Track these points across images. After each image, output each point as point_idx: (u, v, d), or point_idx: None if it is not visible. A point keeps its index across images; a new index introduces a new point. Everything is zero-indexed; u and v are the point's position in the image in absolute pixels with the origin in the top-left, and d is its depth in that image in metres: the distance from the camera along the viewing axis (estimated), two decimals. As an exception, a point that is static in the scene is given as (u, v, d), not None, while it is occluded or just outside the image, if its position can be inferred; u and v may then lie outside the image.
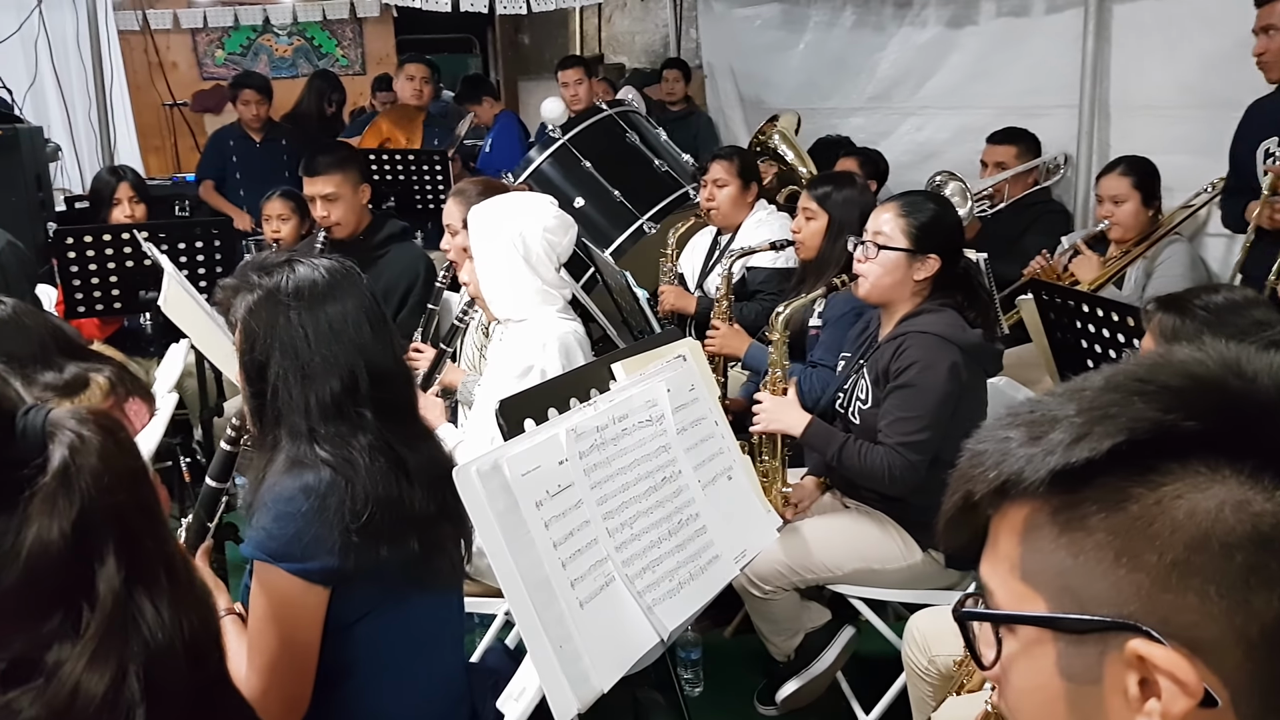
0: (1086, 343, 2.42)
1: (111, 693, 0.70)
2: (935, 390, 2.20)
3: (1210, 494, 0.59)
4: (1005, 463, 0.64)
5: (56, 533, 0.69)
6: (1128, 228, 3.27)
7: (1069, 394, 0.65)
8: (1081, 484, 0.61)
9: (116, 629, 0.71)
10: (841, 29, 4.85)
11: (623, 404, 1.58)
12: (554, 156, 3.90)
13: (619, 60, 7.38)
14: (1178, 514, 0.59)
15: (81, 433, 0.72)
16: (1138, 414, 0.61)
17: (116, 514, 0.72)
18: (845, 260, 2.50)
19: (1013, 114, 4.03)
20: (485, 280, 2.33)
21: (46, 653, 0.70)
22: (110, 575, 0.71)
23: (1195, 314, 1.60)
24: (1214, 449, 0.60)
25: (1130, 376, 0.63)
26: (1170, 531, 0.59)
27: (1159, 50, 3.58)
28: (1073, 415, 0.63)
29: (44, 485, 0.70)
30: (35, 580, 0.69)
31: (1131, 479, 0.61)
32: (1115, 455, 0.60)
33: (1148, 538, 0.59)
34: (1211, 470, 0.60)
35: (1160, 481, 0.60)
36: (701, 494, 1.66)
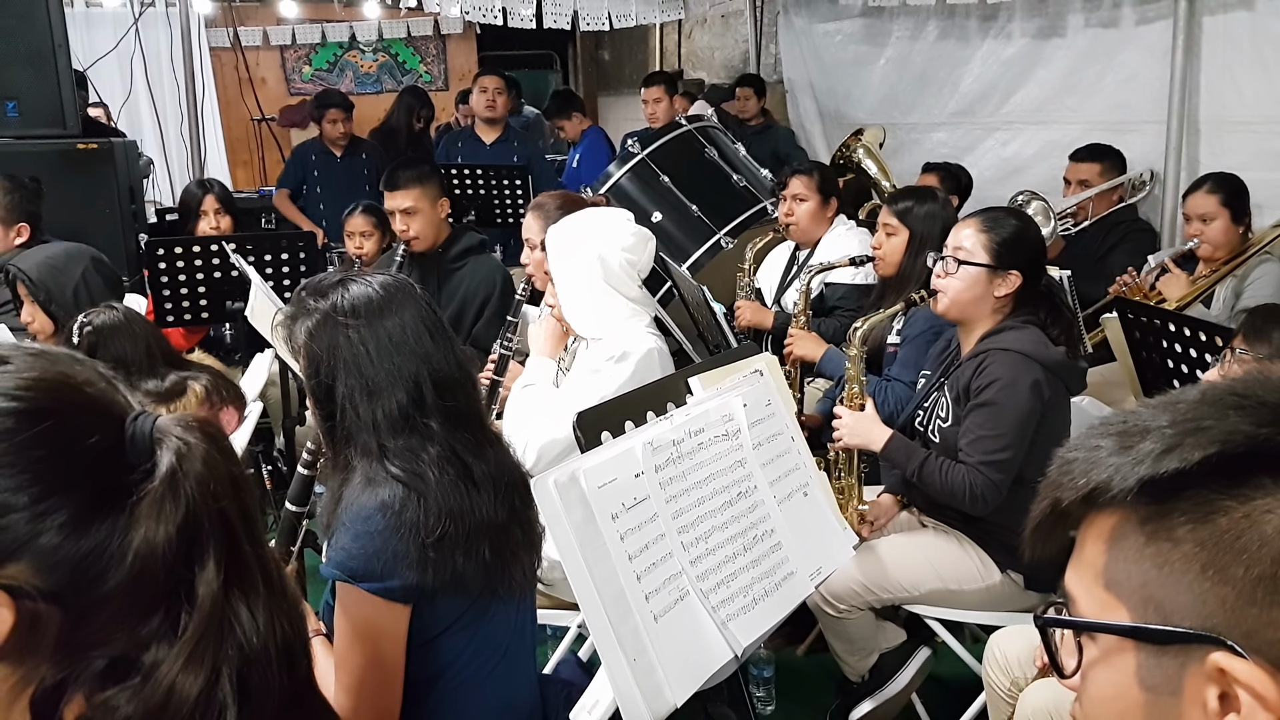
0: (1173, 362, 2.35)
1: (205, 694, 0.72)
2: (1017, 409, 2.16)
3: None
4: (1094, 471, 0.64)
5: (162, 536, 0.72)
6: (1216, 246, 3.16)
7: (1163, 406, 0.65)
8: (1170, 494, 0.62)
9: (213, 631, 0.74)
10: (925, 42, 4.81)
11: (699, 418, 1.59)
12: (633, 171, 3.93)
13: (698, 76, 7.42)
14: (1267, 529, 0.59)
15: (187, 439, 0.76)
16: (1232, 427, 0.61)
17: (219, 519, 0.76)
18: (925, 276, 2.47)
19: (1100, 129, 3.93)
20: (566, 300, 2.36)
21: (145, 652, 0.72)
22: (210, 579, 0.74)
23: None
24: None
25: (1227, 391, 0.63)
26: (1259, 546, 0.59)
27: (1251, 64, 3.46)
28: (1165, 426, 0.63)
29: (152, 489, 0.73)
30: (141, 581, 0.72)
31: (1221, 492, 0.61)
32: (1206, 466, 0.60)
33: (1235, 551, 0.59)
34: None
35: (1250, 496, 0.60)
36: (777, 510, 1.67)
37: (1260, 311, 1.65)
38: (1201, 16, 3.62)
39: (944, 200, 2.94)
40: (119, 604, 0.72)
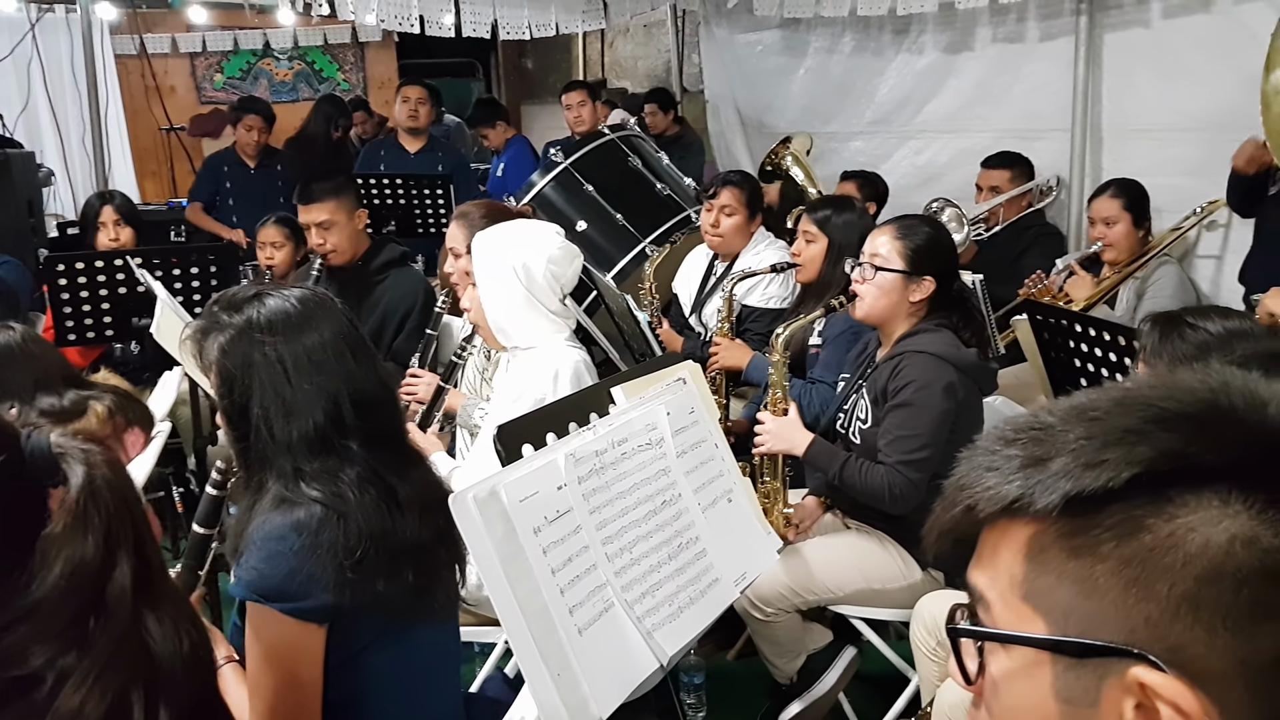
0: (1079, 361, 2.44)
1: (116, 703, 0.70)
2: (933, 409, 2.23)
3: (1222, 528, 0.59)
4: (1012, 481, 0.64)
5: (92, 546, 0.70)
6: (1120, 249, 3.31)
7: (1075, 414, 0.64)
8: (1095, 511, 0.61)
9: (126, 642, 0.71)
10: (841, 54, 4.90)
11: (622, 428, 1.59)
12: (556, 180, 3.92)
13: (622, 85, 7.45)
14: (1191, 547, 0.59)
15: (90, 452, 0.74)
16: (1157, 444, 0.61)
17: (131, 527, 0.74)
18: (844, 282, 2.52)
19: (1009, 137, 4.06)
20: (489, 309, 2.34)
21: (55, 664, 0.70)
22: (123, 588, 0.72)
23: (1187, 336, 1.61)
24: (1228, 481, 0.60)
25: (1144, 401, 0.63)
26: (1182, 564, 0.59)
27: (1148, 75, 3.62)
28: (1083, 438, 0.62)
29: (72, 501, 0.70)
30: (70, 592, 0.69)
31: (1146, 509, 0.60)
32: (1135, 484, 0.60)
33: (1160, 569, 0.59)
34: (1224, 504, 0.60)
35: (1174, 513, 0.60)
36: (702, 517, 1.67)
37: (1158, 320, 1.69)
38: (1102, 31, 3.78)
39: (861, 209, 3.00)
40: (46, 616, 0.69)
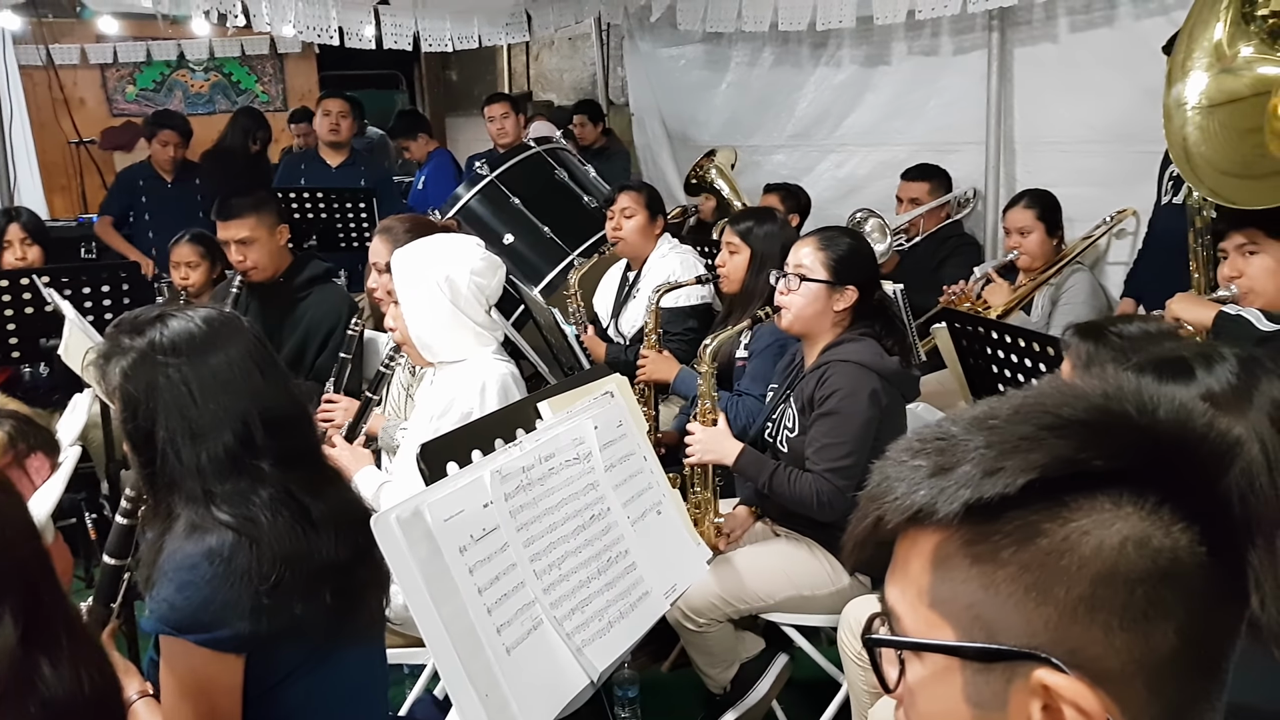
0: (996, 367, 2.50)
1: None
2: (858, 416, 2.26)
3: (1115, 530, 0.61)
4: (917, 491, 0.65)
5: None
6: (1034, 257, 3.42)
7: (976, 423, 0.66)
8: (994, 518, 0.63)
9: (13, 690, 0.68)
10: (762, 68, 4.97)
11: (549, 443, 1.58)
12: (482, 193, 3.90)
13: (548, 97, 7.44)
14: (1085, 550, 0.61)
15: None
16: (1051, 451, 0.62)
17: (20, 572, 0.70)
18: (768, 293, 2.55)
19: (927, 150, 4.17)
20: (413, 325, 2.31)
21: None
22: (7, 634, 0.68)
23: (1109, 341, 1.66)
24: (1119, 484, 0.62)
25: (1040, 409, 0.65)
26: (1078, 567, 0.61)
27: (1057, 89, 3.75)
28: (983, 447, 0.64)
29: None
30: None
31: (1042, 514, 0.62)
32: (1028, 491, 0.62)
33: (1057, 572, 0.61)
34: (1116, 506, 0.62)
35: (1069, 517, 0.62)
36: (631, 530, 1.67)
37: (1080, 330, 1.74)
38: (1012, 46, 3.90)
39: (783, 221, 3.04)
40: None
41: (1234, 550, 0.65)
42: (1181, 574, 0.62)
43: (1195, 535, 0.62)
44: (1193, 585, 0.62)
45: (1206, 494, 0.63)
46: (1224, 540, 0.64)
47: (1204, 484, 0.63)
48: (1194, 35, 2.37)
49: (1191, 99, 2.38)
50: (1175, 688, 0.63)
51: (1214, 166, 2.33)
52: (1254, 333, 2.08)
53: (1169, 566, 0.61)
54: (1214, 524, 0.63)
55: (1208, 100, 2.38)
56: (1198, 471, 0.63)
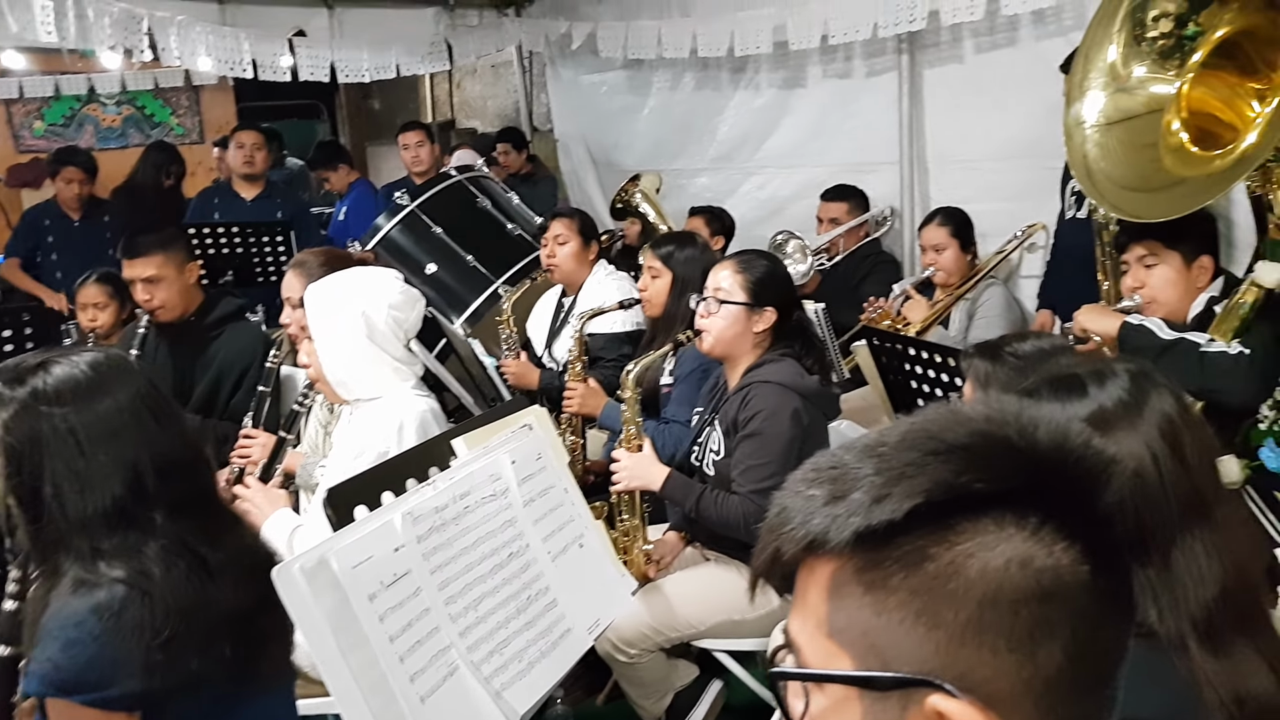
0: (915, 382, 2.54)
1: None
2: (781, 437, 2.28)
3: (999, 551, 0.62)
4: (811, 521, 0.65)
5: None
6: (950, 272, 3.50)
7: (867, 451, 0.67)
8: (883, 544, 0.64)
9: None
10: (684, 93, 5.02)
11: (464, 481, 1.55)
12: (403, 223, 3.85)
13: (471, 125, 7.40)
14: (971, 572, 0.62)
15: None
16: (933, 475, 0.63)
17: None
18: (691, 317, 2.56)
19: (845, 171, 4.24)
20: (327, 362, 2.26)
21: None
22: None
23: (1006, 360, 1.70)
24: (1002, 506, 0.63)
25: (925, 434, 0.66)
26: (965, 590, 0.62)
27: (966, 109, 3.85)
28: (871, 475, 0.65)
29: None
30: None
31: (928, 539, 0.63)
32: (914, 516, 0.63)
33: (945, 596, 0.62)
34: (999, 528, 0.63)
35: (954, 541, 0.63)
36: (551, 566, 1.64)
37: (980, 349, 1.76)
38: (922, 68, 4.00)
39: (703, 245, 3.06)
40: None
41: (1117, 567, 0.66)
42: (1065, 593, 0.63)
43: (1077, 553, 0.63)
44: (1077, 603, 0.63)
45: (1086, 512, 0.65)
46: (1106, 557, 0.65)
47: (1082, 503, 0.65)
48: (1090, 57, 2.46)
49: (1090, 117, 2.47)
50: (1064, 707, 0.64)
51: (1114, 181, 2.41)
52: (1156, 341, 2.15)
53: (1052, 586, 0.62)
54: (1095, 542, 0.65)
55: (1105, 118, 2.47)
56: (1076, 491, 0.65)
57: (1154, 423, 1.11)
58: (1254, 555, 1.13)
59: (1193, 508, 1.10)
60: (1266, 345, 2.06)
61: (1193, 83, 2.34)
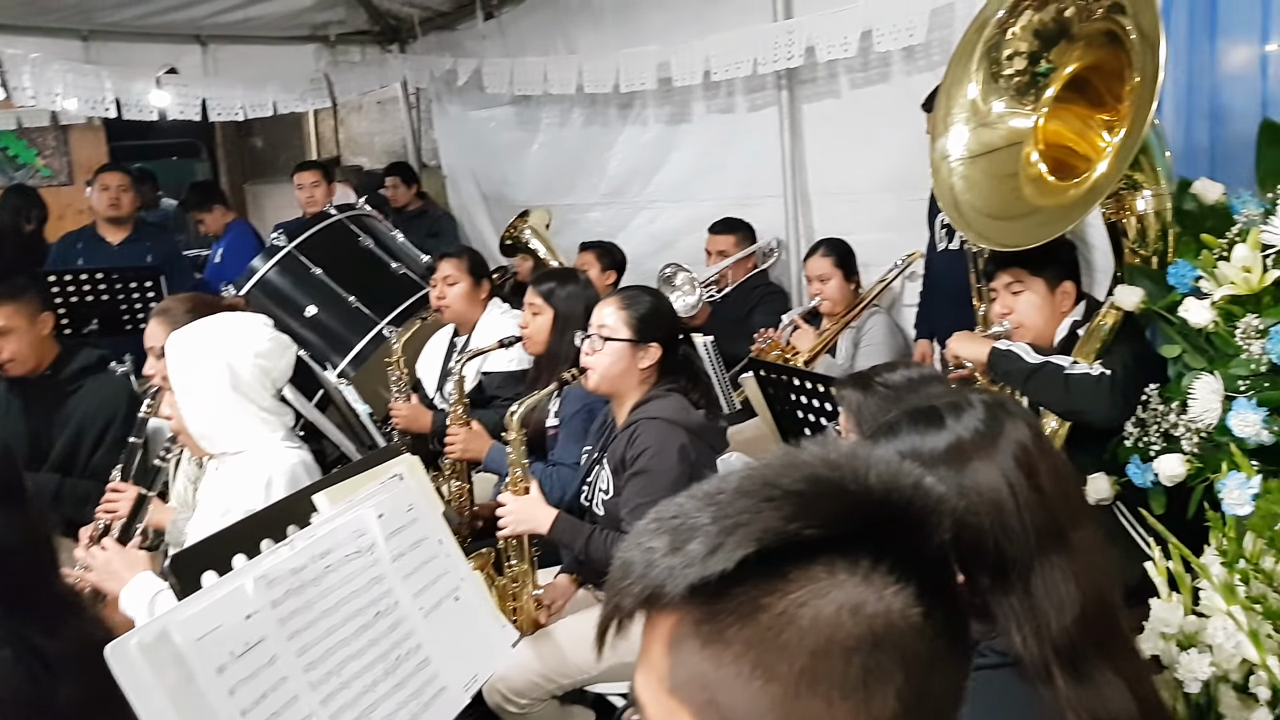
0: (801, 412, 2.57)
1: None
2: (669, 473, 2.26)
3: (830, 599, 0.61)
4: (649, 574, 0.64)
5: None
6: (835, 302, 3.57)
7: (706, 499, 0.65)
8: (718, 596, 0.62)
9: None
10: (573, 128, 5.03)
11: (325, 538, 1.47)
12: (281, 265, 3.72)
13: (358, 161, 7.26)
14: (803, 622, 0.61)
15: None
16: (765, 523, 0.62)
17: None
18: (574, 354, 2.53)
19: (733, 204, 4.30)
20: (188, 414, 2.14)
21: None
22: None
23: (876, 390, 1.71)
24: (833, 552, 0.62)
25: (760, 481, 0.65)
26: (797, 640, 0.61)
27: (844, 143, 3.96)
28: (708, 524, 0.63)
29: None
30: None
31: (761, 588, 0.62)
32: (746, 566, 0.61)
33: (778, 648, 0.61)
34: (830, 574, 0.62)
35: (787, 590, 0.62)
36: (424, 623, 1.57)
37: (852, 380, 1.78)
38: (801, 103, 4.10)
39: (585, 281, 3.03)
40: None
41: (950, 607, 0.66)
42: (896, 638, 0.62)
43: (909, 596, 0.63)
44: (909, 648, 0.62)
45: (917, 553, 0.64)
46: (939, 598, 0.65)
47: (913, 544, 0.64)
48: (952, 94, 2.54)
49: (955, 151, 2.55)
50: None
51: (979, 212, 2.50)
52: (1023, 366, 2.22)
53: (884, 631, 0.62)
54: (928, 582, 0.64)
55: (969, 152, 2.55)
56: (906, 532, 0.64)
57: (1009, 452, 1.13)
58: (1110, 577, 1.15)
59: (1049, 534, 1.11)
60: (1127, 365, 2.14)
61: (1048, 116, 2.45)
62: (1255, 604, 1.57)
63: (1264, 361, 1.82)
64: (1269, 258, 1.84)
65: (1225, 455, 1.80)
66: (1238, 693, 1.60)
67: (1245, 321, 1.84)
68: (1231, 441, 1.81)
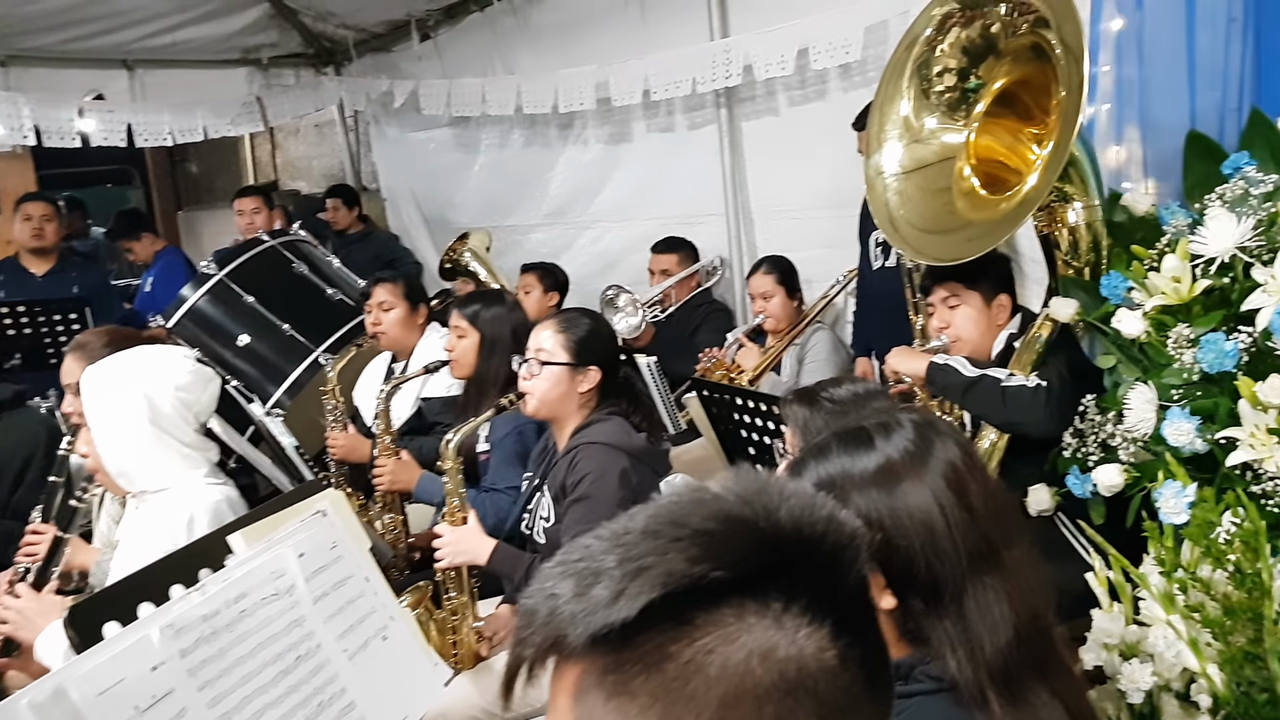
0: (746, 432, 2.54)
1: None
2: (610, 499, 2.22)
3: (739, 644, 0.58)
4: (552, 622, 0.60)
5: None
6: (779, 319, 3.57)
7: (613, 539, 0.62)
8: (622, 645, 0.59)
9: None
10: (513, 149, 5.00)
11: (239, 582, 1.40)
12: (211, 293, 3.62)
13: (296, 185, 7.14)
14: (711, 670, 0.58)
15: None
16: (670, 566, 0.59)
17: None
18: (503, 377, 2.48)
19: (675, 223, 4.29)
20: (105, 452, 2.05)
21: None
22: None
23: (822, 405, 1.69)
24: (742, 593, 0.59)
25: (668, 520, 0.62)
26: (705, 690, 0.57)
27: (783, 160, 3.96)
28: (613, 567, 0.60)
29: None
30: None
31: (668, 636, 0.58)
32: (650, 612, 0.58)
33: (685, 699, 0.58)
34: (739, 618, 0.59)
35: (694, 636, 0.58)
36: (349, 665, 1.50)
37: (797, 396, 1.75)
38: (740, 121, 4.10)
39: (512, 304, 2.95)
40: None
41: (869, 644, 0.63)
42: (809, 683, 0.59)
43: (824, 637, 0.60)
44: (824, 692, 0.59)
45: (831, 592, 0.61)
46: (856, 637, 0.62)
47: (828, 582, 0.61)
48: (884, 110, 2.55)
49: (889, 167, 2.56)
50: None
51: (914, 227, 2.50)
52: (961, 379, 2.21)
53: (796, 677, 0.59)
54: (844, 619, 0.61)
55: (903, 168, 2.56)
56: (820, 569, 0.61)
57: (939, 472, 1.11)
58: (1044, 596, 1.13)
59: (981, 555, 1.09)
60: (1063, 376, 2.15)
61: (979, 131, 2.46)
62: (1194, 613, 1.57)
63: (1195, 371, 1.83)
64: (1198, 268, 1.85)
65: (1161, 464, 1.81)
66: (1180, 701, 1.60)
67: (1176, 331, 1.85)
68: (1167, 451, 1.82)
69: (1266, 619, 1.50)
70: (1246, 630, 1.54)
